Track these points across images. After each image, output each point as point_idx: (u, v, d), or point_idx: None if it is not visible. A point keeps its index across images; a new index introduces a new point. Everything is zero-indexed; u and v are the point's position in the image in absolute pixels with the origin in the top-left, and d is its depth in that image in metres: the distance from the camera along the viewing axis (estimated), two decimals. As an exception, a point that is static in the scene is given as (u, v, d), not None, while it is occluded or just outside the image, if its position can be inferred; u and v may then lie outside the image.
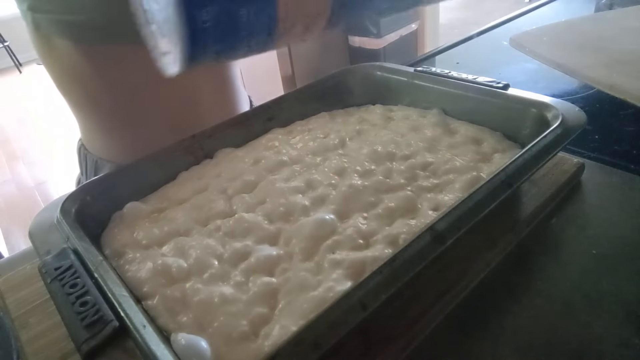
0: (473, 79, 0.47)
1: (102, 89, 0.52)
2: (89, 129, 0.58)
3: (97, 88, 0.52)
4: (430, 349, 0.30)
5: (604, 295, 0.32)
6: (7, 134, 3.01)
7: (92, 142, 0.58)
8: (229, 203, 0.40)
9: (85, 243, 0.33)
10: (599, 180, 0.43)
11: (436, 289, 0.32)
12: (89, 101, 0.54)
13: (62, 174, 2.42)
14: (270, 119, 0.51)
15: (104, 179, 0.42)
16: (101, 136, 0.57)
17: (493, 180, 0.32)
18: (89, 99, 0.54)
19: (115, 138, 0.56)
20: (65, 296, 0.28)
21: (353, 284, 0.26)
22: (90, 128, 0.57)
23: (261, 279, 0.32)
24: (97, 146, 0.58)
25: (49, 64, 0.52)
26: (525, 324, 0.31)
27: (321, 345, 0.23)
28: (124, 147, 0.56)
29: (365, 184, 0.39)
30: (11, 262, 0.42)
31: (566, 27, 0.74)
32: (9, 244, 1.93)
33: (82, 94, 0.53)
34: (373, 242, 0.34)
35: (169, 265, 0.33)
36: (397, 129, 0.48)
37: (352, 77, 0.56)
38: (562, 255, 0.36)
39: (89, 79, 0.51)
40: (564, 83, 0.64)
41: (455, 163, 0.41)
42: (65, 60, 0.50)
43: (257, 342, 0.28)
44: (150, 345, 0.24)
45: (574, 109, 0.39)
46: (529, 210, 0.39)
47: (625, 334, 0.29)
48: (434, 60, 0.80)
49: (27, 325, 0.34)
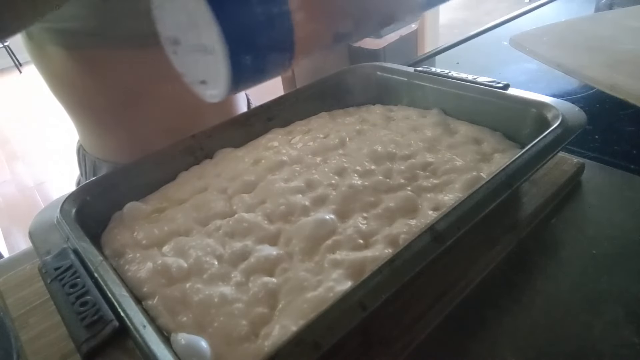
0: (473, 79, 0.47)
1: (96, 93, 0.52)
2: (86, 131, 0.58)
3: (91, 92, 0.52)
4: (430, 349, 0.30)
5: (604, 295, 0.32)
6: (7, 134, 3.01)
7: (90, 143, 0.58)
8: (229, 203, 0.40)
9: (85, 243, 0.33)
10: (599, 181, 0.43)
11: (436, 289, 0.32)
12: (84, 104, 0.54)
13: (62, 174, 2.41)
14: (270, 119, 0.51)
15: (104, 179, 0.42)
16: (98, 137, 0.57)
17: (493, 181, 0.32)
18: (84, 102, 0.54)
19: (111, 139, 0.56)
20: (65, 296, 0.28)
21: (353, 284, 0.26)
22: (86, 130, 0.57)
23: (261, 279, 0.32)
24: (95, 147, 0.58)
25: (42, 69, 0.52)
26: (525, 323, 0.31)
27: (321, 345, 0.23)
28: (121, 148, 0.56)
29: (365, 184, 0.39)
30: (11, 262, 0.42)
31: (566, 27, 0.74)
32: (9, 244, 1.92)
33: (76, 98, 0.53)
34: (373, 242, 0.34)
35: (169, 265, 0.33)
36: (397, 129, 0.48)
37: (352, 77, 0.56)
38: (562, 255, 0.36)
39: (82, 84, 0.51)
40: (564, 83, 0.64)
41: (455, 163, 0.41)
42: (59, 66, 0.50)
43: (257, 342, 0.28)
44: (150, 345, 0.24)
45: (574, 109, 0.39)
46: (529, 210, 0.39)
47: (625, 334, 0.29)
48: (434, 60, 0.80)
49: (27, 325, 0.34)
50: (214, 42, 0.25)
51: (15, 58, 3.98)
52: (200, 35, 0.27)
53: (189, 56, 0.30)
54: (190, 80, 0.31)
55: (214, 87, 0.29)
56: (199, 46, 0.27)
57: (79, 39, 0.47)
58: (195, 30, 0.27)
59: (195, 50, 0.28)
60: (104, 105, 0.53)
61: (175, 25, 0.29)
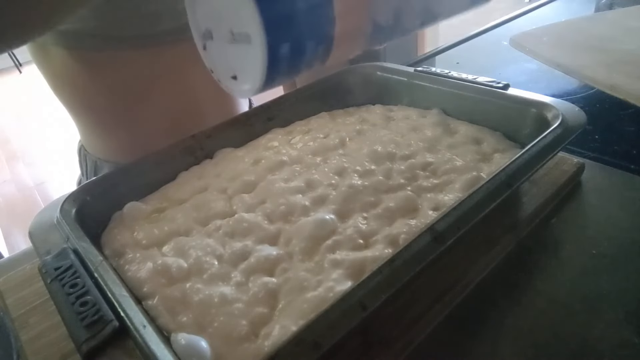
0: (473, 79, 0.47)
1: (97, 93, 0.52)
2: (87, 131, 0.58)
3: (92, 92, 0.52)
4: (430, 349, 0.30)
5: (604, 295, 0.32)
6: (7, 134, 3.01)
7: (91, 143, 0.58)
8: (229, 203, 0.40)
9: (85, 243, 0.33)
10: (599, 180, 0.43)
11: (436, 289, 0.32)
12: (85, 105, 0.54)
13: (62, 174, 2.41)
14: (270, 119, 0.51)
15: (104, 179, 0.42)
16: (99, 137, 0.57)
17: (493, 180, 0.32)
18: (85, 102, 0.54)
19: (113, 139, 0.56)
20: (65, 296, 0.28)
21: (353, 284, 0.26)
22: (88, 130, 0.57)
23: (261, 279, 0.32)
24: (96, 147, 0.58)
25: (44, 69, 0.52)
26: (525, 324, 0.31)
27: (321, 345, 0.23)
28: (123, 148, 0.56)
29: (365, 184, 0.39)
30: (11, 262, 0.42)
31: (566, 27, 0.74)
32: (9, 244, 1.92)
33: (78, 98, 0.53)
34: (373, 242, 0.34)
35: (169, 265, 0.33)
36: (397, 129, 0.48)
37: (352, 77, 0.56)
38: (562, 255, 0.36)
39: (84, 84, 0.51)
40: (564, 83, 0.64)
41: (455, 163, 0.41)
42: (60, 67, 0.50)
43: (257, 342, 0.28)
44: (150, 345, 0.24)
45: (574, 109, 0.39)
46: (529, 210, 0.39)
47: (625, 334, 0.29)
48: (434, 60, 0.80)
49: (27, 325, 0.34)
50: (253, 30, 0.24)
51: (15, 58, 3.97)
52: (238, 24, 0.25)
53: (221, 50, 0.28)
54: (220, 77, 0.29)
55: (247, 81, 0.27)
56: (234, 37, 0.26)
57: (80, 39, 0.47)
58: (232, 20, 0.26)
59: (228, 42, 0.27)
60: (105, 106, 0.53)
61: (209, 16, 0.28)
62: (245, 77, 0.27)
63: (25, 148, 2.82)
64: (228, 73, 0.28)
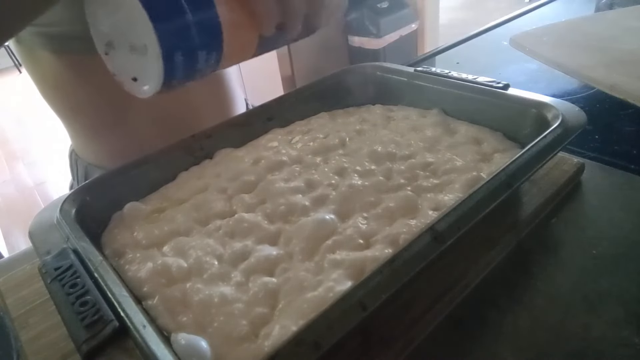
0: (473, 79, 0.47)
1: (86, 98, 0.52)
2: (77, 136, 0.57)
3: (81, 96, 0.52)
4: (430, 349, 0.30)
5: (604, 295, 0.32)
6: (7, 134, 3.01)
7: (82, 148, 0.58)
8: (229, 203, 0.40)
9: (85, 243, 0.33)
10: (599, 181, 0.43)
11: (436, 289, 0.32)
12: (75, 109, 0.53)
13: (62, 174, 2.41)
14: (270, 119, 0.51)
15: (104, 179, 0.42)
16: (89, 142, 0.57)
17: (493, 180, 0.32)
18: (74, 107, 0.53)
19: (103, 144, 0.56)
20: (65, 296, 0.28)
21: (353, 284, 0.26)
22: (78, 135, 0.57)
23: (261, 279, 0.32)
24: (87, 152, 0.57)
25: (32, 73, 0.52)
26: (525, 323, 0.31)
27: (321, 345, 0.23)
28: (114, 153, 0.55)
29: (366, 184, 0.39)
30: (11, 262, 0.42)
31: (566, 27, 0.74)
32: (9, 244, 1.92)
33: (66, 102, 0.53)
34: (373, 242, 0.34)
35: (169, 265, 0.33)
36: (397, 129, 0.48)
37: (352, 77, 0.56)
38: (562, 255, 0.36)
39: (72, 88, 0.51)
40: (564, 83, 0.64)
41: (455, 163, 0.41)
42: (48, 71, 0.50)
43: (257, 342, 0.28)
44: (150, 345, 0.24)
45: (574, 109, 0.39)
46: (529, 210, 0.39)
47: (625, 334, 0.29)
48: (434, 60, 0.80)
49: (27, 325, 0.34)
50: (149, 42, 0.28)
51: (15, 58, 3.97)
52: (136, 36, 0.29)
53: (122, 57, 0.32)
54: (122, 79, 0.34)
55: (146, 83, 0.31)
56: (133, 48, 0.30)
57: (66, 43, 0.47)
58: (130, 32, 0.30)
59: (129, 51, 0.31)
60: (95, 110, 0.53)
61: (110, 28, 0.32)
62: (144, 81, 0.32)
63: (25, 148, 2.82)
64: (129, 76, 0.32)
